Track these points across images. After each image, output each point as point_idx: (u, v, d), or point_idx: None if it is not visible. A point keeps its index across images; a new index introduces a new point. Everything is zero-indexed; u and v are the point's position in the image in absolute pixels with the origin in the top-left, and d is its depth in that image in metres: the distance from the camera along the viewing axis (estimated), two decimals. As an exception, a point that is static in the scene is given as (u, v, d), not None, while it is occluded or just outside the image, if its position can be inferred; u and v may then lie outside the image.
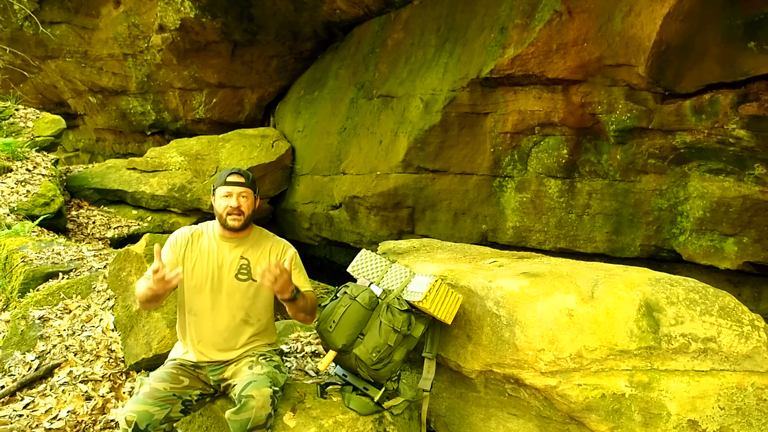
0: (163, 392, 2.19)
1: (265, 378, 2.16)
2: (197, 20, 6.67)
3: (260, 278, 2.11)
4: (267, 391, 2.08)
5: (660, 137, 3.82)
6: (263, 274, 2.09)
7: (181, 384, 2.27)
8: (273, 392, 2.11)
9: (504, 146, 4.67)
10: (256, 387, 2.09)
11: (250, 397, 2.05)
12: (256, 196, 2.44)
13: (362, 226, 5.94)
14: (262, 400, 2.05)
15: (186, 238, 2.44)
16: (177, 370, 2.33)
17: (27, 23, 7.70)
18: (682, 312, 2.14)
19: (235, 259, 2.40)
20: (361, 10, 6.17)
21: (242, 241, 2.44)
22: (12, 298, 4.08)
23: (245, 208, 2.37)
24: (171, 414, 2.19)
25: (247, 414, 2.03)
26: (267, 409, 2.06)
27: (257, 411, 2.03)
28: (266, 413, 2.06)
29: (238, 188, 2.36)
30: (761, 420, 2.06)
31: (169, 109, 8.28)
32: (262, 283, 2.12)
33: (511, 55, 4.26)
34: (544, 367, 2.14)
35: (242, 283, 2.38)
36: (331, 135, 6.44)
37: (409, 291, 2.33)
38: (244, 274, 2.39)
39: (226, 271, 2.38)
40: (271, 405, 2.08)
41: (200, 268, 2.39)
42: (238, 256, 2.40)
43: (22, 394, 3.01)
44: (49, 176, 6.55)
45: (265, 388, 2.09)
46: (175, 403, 2.20)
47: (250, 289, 2.39)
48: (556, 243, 4.56)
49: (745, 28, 3.24)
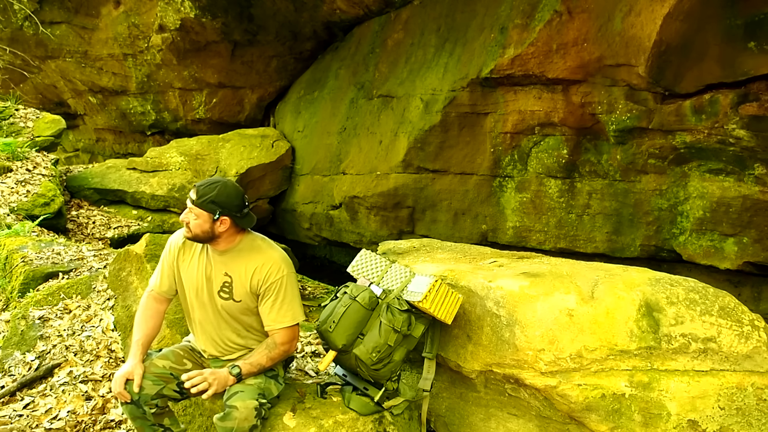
0: (161, 369, 2.20)
1: (253, 389, 2.13)
2: (197, 20, 6.67)
3: (188, 387, 2.06)
4: (252, 403, 2.06)
5: (660, 137, 3.82)
6: (189, 385, 2.05)
7: (183, 366, 2.27)
8: (259, 404, 2.08)
9: (504, 146, 4.67)
10: (241, 398, 2.07)
11: (234, 408, 2.04)
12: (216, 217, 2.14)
13: (362, 226, 5.94)
14: (246, 412, 2.04)
15: (178, 246, 2.35)
16: (183, 352, 2.34)
17: (27, 23, 7.70)
18: (682, 312, 2.14)
19: (219, 274, 2.27)
20: (361, 10, 6.17)
21: (230, 254, 2.27)
22: (12, 298, 4.08)
23: (192, 226, 2.19)
24: (164, 391, 2.19)
25: (230, 424, 2.03)
26: (250, 421, 2.04)
27: (240, 422, 2.03)
28: (249, 425, 2.04)
29: (190, 204, 2.19)
30: (761, 420, 2.06)
31: (169, 109, 8.29)
32: (193, 391, 2.07)
33: (511, 55, 4.26)
34: (544, 367, 2.14)
35: (225, 302, 2.27)
36: (331, 135, 6.44)
37: (409, 291, 2.33)
38: (225, 293, 2.26)
39: (213, 285, 2.28)
40: (256, 417, 2.06)
41: (190, 277, 2.32)
42: (222, 272, 2.27)
43: (22, 394, 3.01)
44: (49, 176, 6.55)
45: (250, 400, 2.07)
46: (169, 381, 2.20)
47: (233, 307, 2.28)
48: (556, 243, 4.56)
49: (745, 28, 3.24)
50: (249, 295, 2.25)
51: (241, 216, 2.21)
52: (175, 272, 2.35)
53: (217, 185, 2.18)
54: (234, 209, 2.18)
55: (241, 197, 2.22)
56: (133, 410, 2.19)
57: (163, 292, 2.37)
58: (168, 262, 2.36)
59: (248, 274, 2.23)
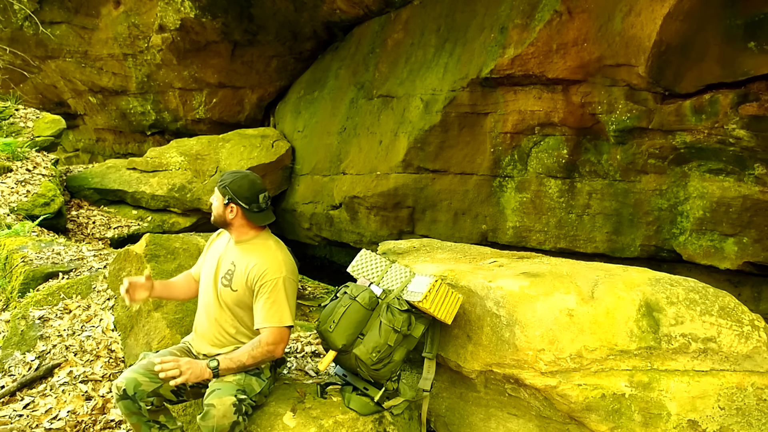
0: None
1: (230, 386, 2.14)
2: (197, 20, 6.67)
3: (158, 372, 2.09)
4: (229, 399, 2.07)
5: (660, 137, 3.82)
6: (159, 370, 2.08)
7: None
8: (238, 401, 2.09)
9: (504, 146, 4.67)
10: (218, 396, 2.09)
11: (211, 406, 2.06)
12: (227, 201, 2.30)
13: (362, 226, 5.94)
14: (223, 409, 2.05)
15: (212, 237, 2.60)
16: (180, 353, 2.37)
17: (27, 23, 7.70)
18: (682, 312, 2.14)
19: (227, 262, 2.37)
20: (361, 10, 6.17)
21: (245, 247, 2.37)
22: (12, 298, 4.08)
23: (213, 207, 2.40)
24: (161, 390, 2.22)
25: (210, 422, 2.04)
26: (230, 418, 2.05)
27: (218, 420, 2.04)
28: (229, 422, 2.05)
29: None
30: (761, 420, 2.06)
31: (169, 109, 8.29)
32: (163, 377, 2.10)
33: (511, 55, 4.26)
34: (544, 367, 2.14)
35: (224, 289, 2.35)
36: (331, 135, 6.44)
37: (409, 291, 2.33)
38: (227, 280, 2.34)
39: (220, 270, 2.39)
40: (236, 413, 2.07)
41: (209, 261, 2.48)
42: (231, 260, 2.37)
43: (22, 394, 3.01)
44: (49, 176, 6.56)
45: (227, 396, 2.08)
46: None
47: (230, 297, 2.34)
48: (556, 243, 4.56)
49: (745, 28, 3.24)
50: (245, 288, 2.30)
51: (250, 210, 2.30)
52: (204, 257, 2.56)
53: (236, 175, 2.35)
54: (243, 200, 2.28)
55: (253, 192, 2.31)
56: (129, 405, 2.21)
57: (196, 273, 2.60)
58: (204, 249, 2.59)
59: (248, 267, 2.30)
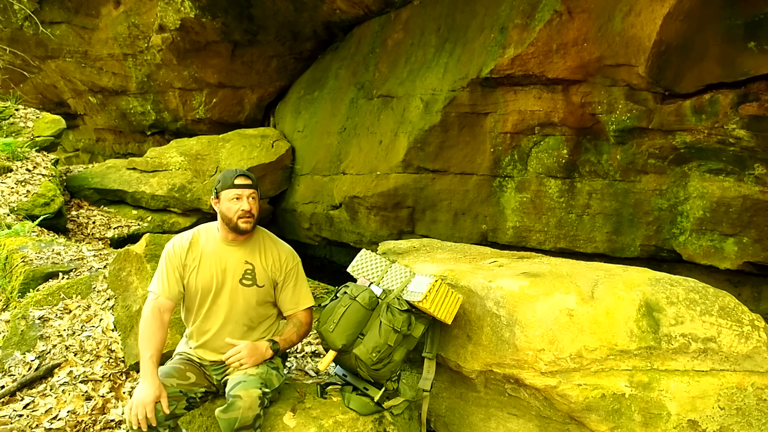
0: (171, 389, 2.20)
1: (255, 379, 2.15)
2: (197, 20, 6.67)
3: (228, 362, 2.25)
4: (255, 392, 2.08)
5: (660, 137, 3.82)
6: (231, 360, 2.23)
7: (188, 381, 2.29)
8: (262, 393, 2.10)
9: (504, 146, 4.67)
10: (244, 387, 2.09)
11: (237, 398, 2.06)
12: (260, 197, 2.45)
13: (362, 226, 5.94)
14: (250, 401, 2.05)
15: (183, 247, 2.39)
16: (184, 366, 2.34)
17: (27, 23, 7.70)
18: (682, 312, 2.14)
19: (239, 263, 2.37)
20: (361, 10, 6.17)
21: (246, 244, 2.41)
22: (12, 298, 4.08)
23: (255, 210, 2.34)
24: (176, 411, 2.21)
25: (234, 414, 2.04)
26: (254, 410, 2.06)
27: (244, 411, 2.04)
28: (253, 414, 2.05)
29: (248, 190, 2.31)
30: (761, 420, 2.06)
31: (169, 109, 8.29)
32: (233, 366, 2.26)
33: (511, 55, 4.25)
34: (544, 367, 2.14)
35: (247, 289, 2.36)
36: (331, 135, 6.44)
37: (409, 291, 2.33)
38: (248, 279, 2.36)
39: (230, 275, 2.36)
40: (260, 406, 2.08)
41: (204, 273, 2.36)
42: (242, 260, 2.37)
43: (22, 394, 3.01)
44: (49, 176, 6.56)
45: (253, 389, 2.09)
46: (180, 400, 2.22)
47: (255, 295, 2.37)
48: (556, 243, 4.56)
49: (745, 28, 3.24)
50: (270, 281, 2.41)
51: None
52: (181, 274, 2.36)
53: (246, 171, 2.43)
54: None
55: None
56: None
57: (172, 296, 2.36)
58: (173, 265, 2.36)
59: (268, 261, 2.41)
